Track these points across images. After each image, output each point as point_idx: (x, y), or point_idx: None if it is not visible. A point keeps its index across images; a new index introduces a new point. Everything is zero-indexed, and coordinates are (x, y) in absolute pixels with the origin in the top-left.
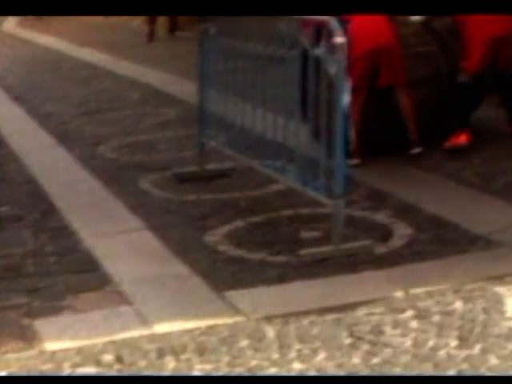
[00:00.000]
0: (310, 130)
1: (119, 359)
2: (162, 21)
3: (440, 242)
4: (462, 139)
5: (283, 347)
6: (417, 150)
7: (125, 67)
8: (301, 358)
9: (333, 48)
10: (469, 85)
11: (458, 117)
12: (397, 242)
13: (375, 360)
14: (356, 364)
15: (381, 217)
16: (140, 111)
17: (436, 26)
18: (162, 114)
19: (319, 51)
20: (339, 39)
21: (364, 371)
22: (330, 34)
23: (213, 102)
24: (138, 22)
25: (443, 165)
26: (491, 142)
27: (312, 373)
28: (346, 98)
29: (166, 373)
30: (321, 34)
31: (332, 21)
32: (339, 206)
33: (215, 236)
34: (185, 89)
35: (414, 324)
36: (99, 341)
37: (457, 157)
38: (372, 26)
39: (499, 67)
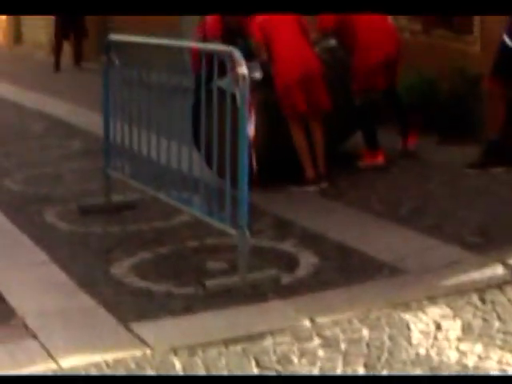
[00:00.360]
0: (215, 160)
1: None
2: (67, 51)
3: (345, 270)
4: (379, 159)
5: None
6: (324, 185)
7: (30, 98)
8: None
9: (236, 79)
10: (365, 106)
11: (366, 138)
12: (303, 270)
13: None
14: None
15: (286, 246)
16: (45, 143)
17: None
18: (68, 146)
19: (223, 82)
20: (243, 70)
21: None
22: (234, 65)
23: (118, 133)
24: (43, 53)
25: (347, 192)
26: (395, 171)
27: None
28: (250, 129)
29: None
30: (224, 64)
31: (235, 51)
32: (244, 236)
33: (121, 268)
34: (90, 120)
35: (321, 352)
36: (4, 375)
37: (361, 184)
38: (300, 50)
39: (386, 88)
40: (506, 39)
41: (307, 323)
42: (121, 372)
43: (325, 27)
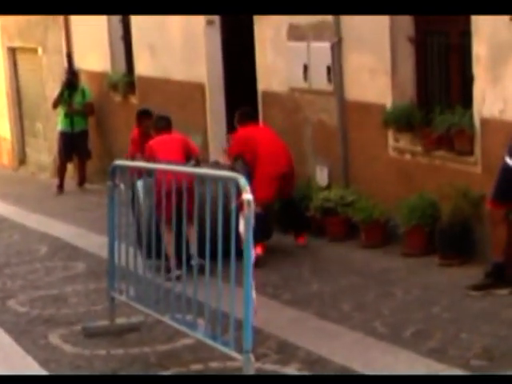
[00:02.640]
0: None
1: None
2: (70, 173)
3: None
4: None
5: None
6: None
7: (34, 220)
8: None
9: (241, 204)
10: (262, 215)
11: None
12: None
13: None
14: None
15: (290, 370)
16: (49, 264)
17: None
18: (72, 268)
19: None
20: (248, 196)
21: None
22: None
23: (122, 255)
24: (47, 174)
25: (351, 316)
26: (400, 293)
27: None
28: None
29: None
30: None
31: (241, 178)
32: (249, 360)
33: None
34: (94, 242)
35: None
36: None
37: (364, 307)
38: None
39: (283, 197)
40: (508, 160)
41: None
42: None
43: (233, 154)
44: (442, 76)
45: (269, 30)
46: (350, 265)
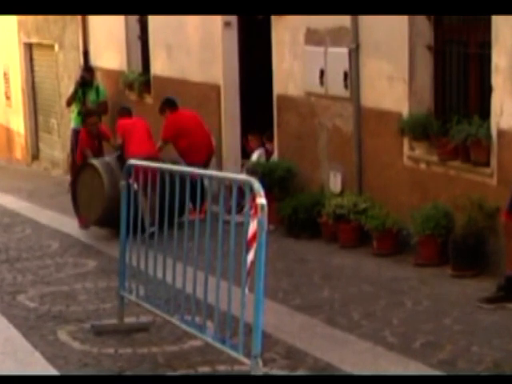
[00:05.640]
0: None
1: None
2: None
3: None
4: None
5: None
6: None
7: (46, 215)
8: None
9: (255, 208)
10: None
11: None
12: None
13: None
14: None
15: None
16: (60, 261)
17: None
18: (82, 265)
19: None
20: (262, 200)
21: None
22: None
23: (134, 256)
24: (59, 170)
25: (361, 324)
26: (410, 303)
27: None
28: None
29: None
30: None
31: (255, 182)
32: (257, 365)
33: None
34: (104, 240)
35: None
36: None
37: (374, 316)
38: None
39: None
40: None
41: None
42: None
43: (166, 137)
44: (460, 85)
45: (286, 33)
46: (361, 273)
